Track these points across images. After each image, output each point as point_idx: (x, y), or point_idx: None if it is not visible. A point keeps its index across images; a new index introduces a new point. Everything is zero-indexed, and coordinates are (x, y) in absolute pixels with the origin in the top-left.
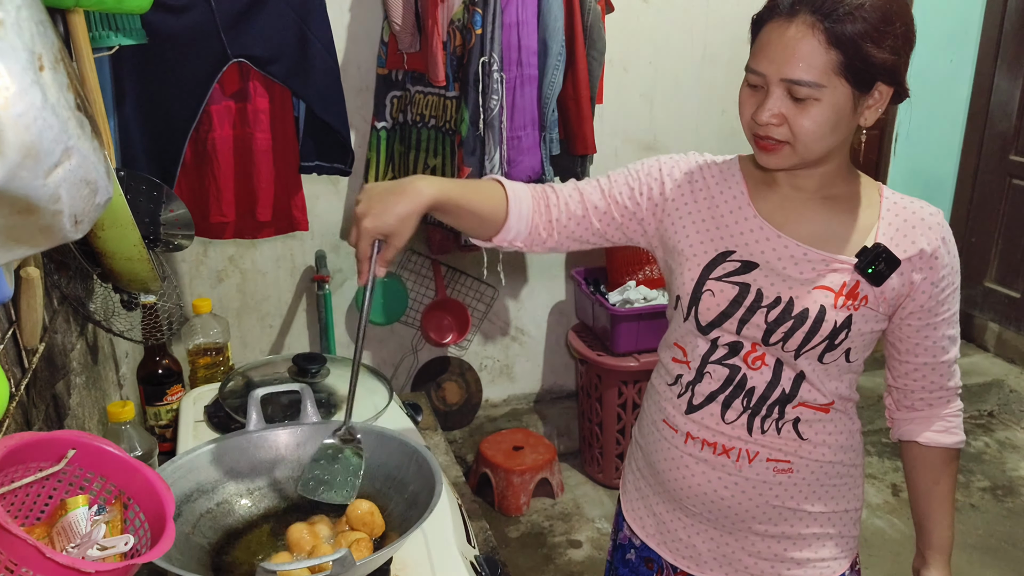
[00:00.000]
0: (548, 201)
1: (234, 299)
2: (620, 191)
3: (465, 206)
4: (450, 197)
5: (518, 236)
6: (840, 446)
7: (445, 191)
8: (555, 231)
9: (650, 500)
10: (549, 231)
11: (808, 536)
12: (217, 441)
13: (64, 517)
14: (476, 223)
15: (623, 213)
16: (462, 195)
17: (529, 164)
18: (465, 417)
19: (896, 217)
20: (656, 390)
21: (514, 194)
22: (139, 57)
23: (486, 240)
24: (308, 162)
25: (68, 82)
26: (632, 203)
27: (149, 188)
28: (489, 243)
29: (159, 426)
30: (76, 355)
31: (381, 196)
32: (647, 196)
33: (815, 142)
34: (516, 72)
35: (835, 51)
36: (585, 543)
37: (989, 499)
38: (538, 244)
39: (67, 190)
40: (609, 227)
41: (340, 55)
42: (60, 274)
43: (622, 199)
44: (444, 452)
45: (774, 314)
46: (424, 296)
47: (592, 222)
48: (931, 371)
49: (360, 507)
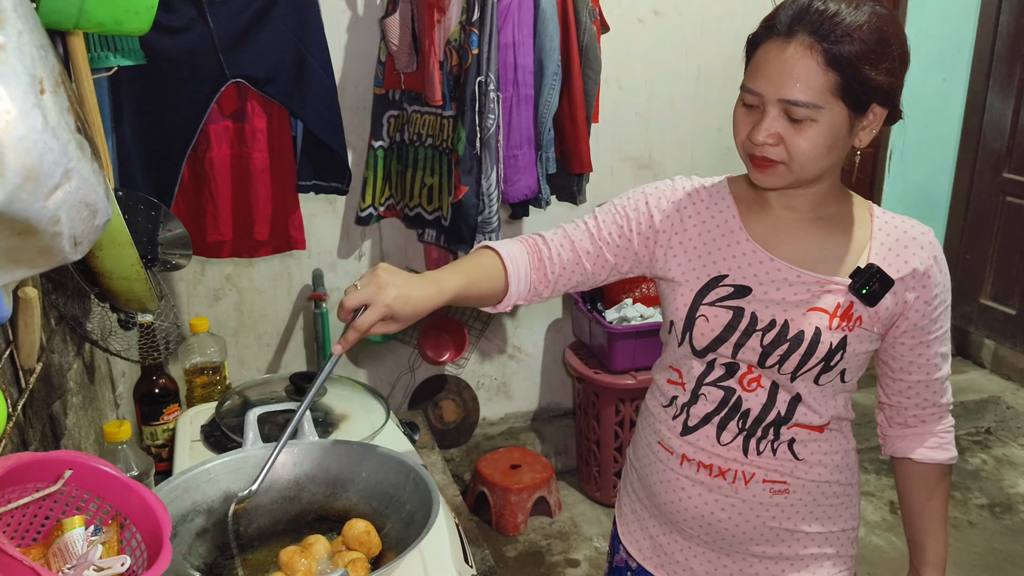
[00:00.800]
0: (542, 255)
1: (231, 318)
2: (609, 231)
3: (472, 294)
4: (461, 291)
5: (519, 298)
6: (836, 465)
7: (458, 288)
8: (551, 284)
9: (646, 522)
10: (546, 285)
11: (806, 556)
12: (213, 460)
13: (60, 538)
14: (480, 302)
15: (615, 253)
16: (468, 286)
17: (526, 183)
18: (462, 435)
19: (888, 236)
20: (651, 412)
21: (511, 261)
22: (138, 77)
23: (491, 308)
24: (305, 181)
25: (68, 105)
26: (623, 240)
27: (147, 208)
28: (494, 310)
29: (155, 446)
30: (73, 375)
31: (403, 277)
32: (636, 231)
33: (811, 163)
34: (512, 91)
35: (833, 72)
36: (583, 562)
37: (987, 516)
38: (537, 298)
39: (67, 212)
40: (603, 269)
41: (337, 75)
42: (58, 294)
43: (612, 239)
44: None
45: (769, 337)
46: None
47: (586, 267)
48: (924, 388)
49: (357, 527)
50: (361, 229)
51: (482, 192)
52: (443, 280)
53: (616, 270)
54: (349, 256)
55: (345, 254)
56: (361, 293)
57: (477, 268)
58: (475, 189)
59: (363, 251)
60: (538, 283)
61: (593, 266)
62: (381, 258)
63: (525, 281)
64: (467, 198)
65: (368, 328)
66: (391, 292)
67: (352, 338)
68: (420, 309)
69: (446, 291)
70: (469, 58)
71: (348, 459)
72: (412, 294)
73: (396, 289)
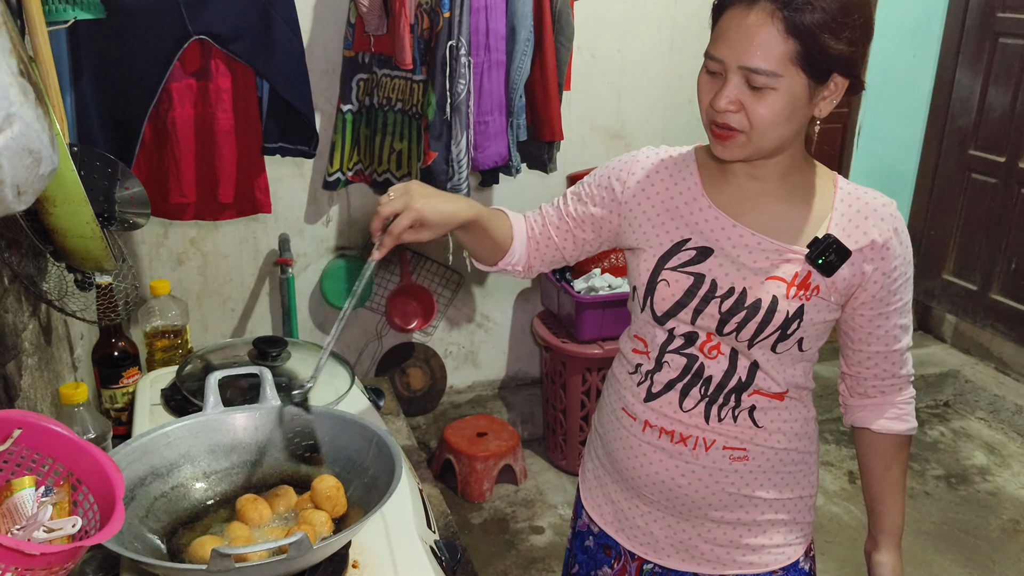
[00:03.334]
0: (531, 226)
1: (195, 282)
2: (575, 208)
3: (489, 228)
4: (483, 217)
5: (520, 261)
6: (795, 433)
7: (482, 214)
8: (538, 257)
9: (608, 488)
10: (536, 256)
11: (763, 522)
12: (172, 424)
13: (9, 498)
14: (490, 245)
15: (583, 228)
16: (489, 221)
17: (496, 150)
18: (429, 403)
19: (849, 208)
20: (616, 378)
21: (516, 222)
22: (97, 32)
23: (492, 264)
24: (272, 143)
25: (11, 46)
26: (587, 216)
27: (103, 165)
28: (495, 267)
29: (114, 409)
30: (28, 335)
31: (434, 191)
32: (600, 205)
33: (770, 131)
34: (484, 57)
35: (793, 40)
36: (547, 529)
37: (943, 487)
38: (527, 270)
39: (9, 159)
40: (573, 246)
41: (305, 36)
42: (11, 252)
43: (578, 215)
44: (406, 437)
45: (727, 304)
46: (389, 282)
47: (557, 242)
48: (883, 359)
49: (327, 482)
50: (328, 194)
51: (451, 158)
52: (469, 200)
53: (587, 245)
54: (316, 221)
55: (312, 219)
56: (395, 202)
57: (493, 213)
58: (444, 155)
59: (330, 216)
60: (531, 252)
61: (563, 242)
62: (348, 224)
63: (523, 247)
64: (436, 164)
65: (400, 232)
66: (420, 200)
67: (388, 243)
68: (446, 217)
69: (470, 208)
70: (440, 21)
71: (311, 424)
72: (440, 203)
73: (425, 198)
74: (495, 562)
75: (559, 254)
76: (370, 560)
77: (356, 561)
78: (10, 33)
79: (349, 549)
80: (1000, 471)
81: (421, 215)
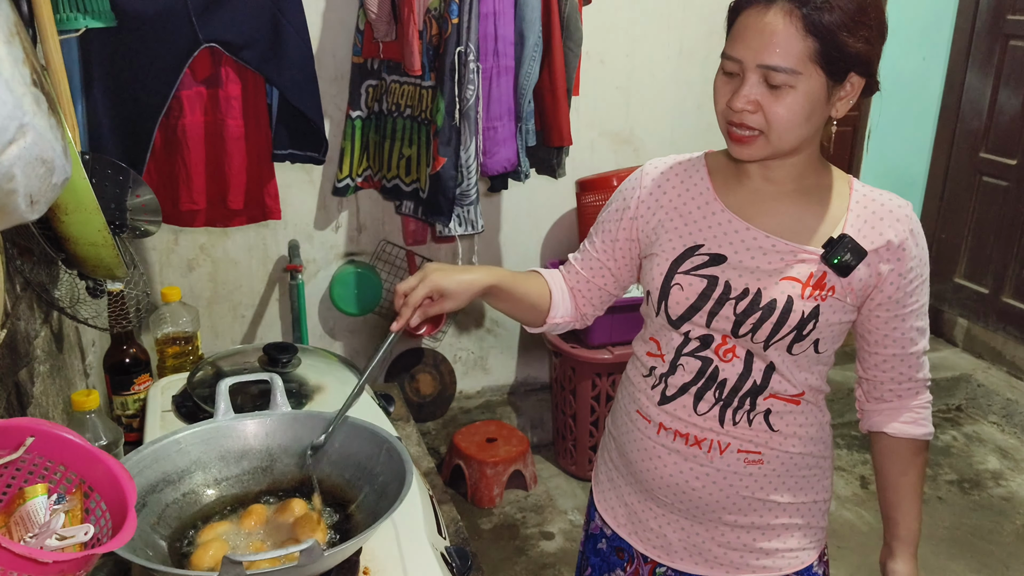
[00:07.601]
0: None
1: (205, 288)
2: (600, 242)
3: (516, 291)
4: (506, 283)
5: (567, 313)
6: (810, 438)
7: (504, 278)
8: (586, 302)
9: (622, 490)
10: (584, 303)
11: (777, 526)
12: (184, 430)
13: (22, 506)
14: (528, 306)
15: (614, 258)
16: (514, 283)
17: (505, 155)
18: (439, 409)
19: (864, 209)
20: (631, 381)
21: (551, 278)
22: (108, 40)
23: (540, 325)
24: (281, 150)
25: (24, 56)
26: (614, 245)
27: (115, 172)
28: (544, 326)
29: (126, 416)
30: (40, 343)
31: (450, 265)
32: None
33: (788, 131)
34: (492, 62)
35: (811, 39)
36: (558, 535)
37: (956, 492)
38: (582, 319)
39: (22, 169)
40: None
41: (315, 43)
42: (24, 259)
43: (604, 247)
44: (416, 443)
45: (742, 306)
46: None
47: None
48: (900, 362)
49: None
50: (338, 200)
51: (461, 164)
52: (488, 268)
53: (626, 272)
54: (326, 227)
55: (322, 225)
56: (412, 279)
57: (522, 276)
58: (453, 161)
59: (340, 222)
60: (580, 304)
61: (602, 280)
62: (358, 230)
63: (564, 299)
64: (445, 170)
65: (417, 303)
66: (436, 273)
67: (406, 314)
68: (464, 285)
69: (489, 275)
70: (449, 27)
71: (321, 430)
72: (456, 273)
73: (441, 271)
74: (505, 568)
75: (604, 293)
76: (381, 567)
77: (367, 568)
78: (23, 43)
79: (360, 556)
80: (1013, 475)
81: (438, 285)
